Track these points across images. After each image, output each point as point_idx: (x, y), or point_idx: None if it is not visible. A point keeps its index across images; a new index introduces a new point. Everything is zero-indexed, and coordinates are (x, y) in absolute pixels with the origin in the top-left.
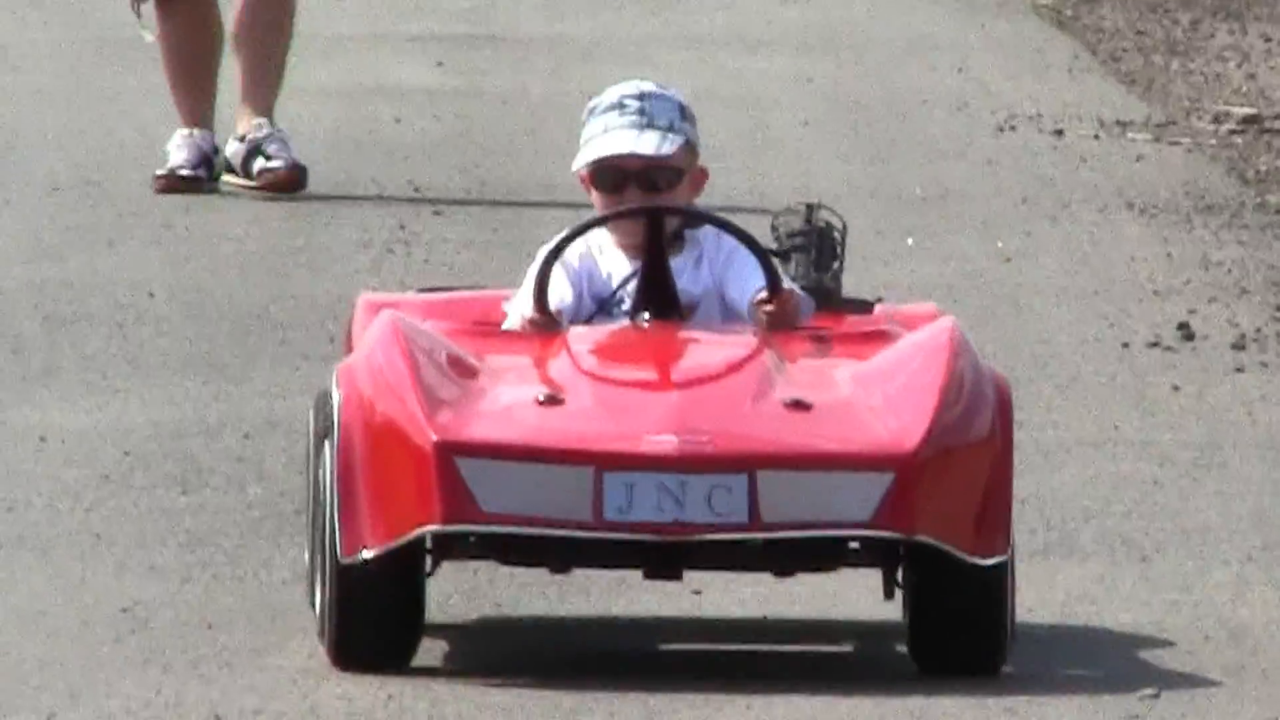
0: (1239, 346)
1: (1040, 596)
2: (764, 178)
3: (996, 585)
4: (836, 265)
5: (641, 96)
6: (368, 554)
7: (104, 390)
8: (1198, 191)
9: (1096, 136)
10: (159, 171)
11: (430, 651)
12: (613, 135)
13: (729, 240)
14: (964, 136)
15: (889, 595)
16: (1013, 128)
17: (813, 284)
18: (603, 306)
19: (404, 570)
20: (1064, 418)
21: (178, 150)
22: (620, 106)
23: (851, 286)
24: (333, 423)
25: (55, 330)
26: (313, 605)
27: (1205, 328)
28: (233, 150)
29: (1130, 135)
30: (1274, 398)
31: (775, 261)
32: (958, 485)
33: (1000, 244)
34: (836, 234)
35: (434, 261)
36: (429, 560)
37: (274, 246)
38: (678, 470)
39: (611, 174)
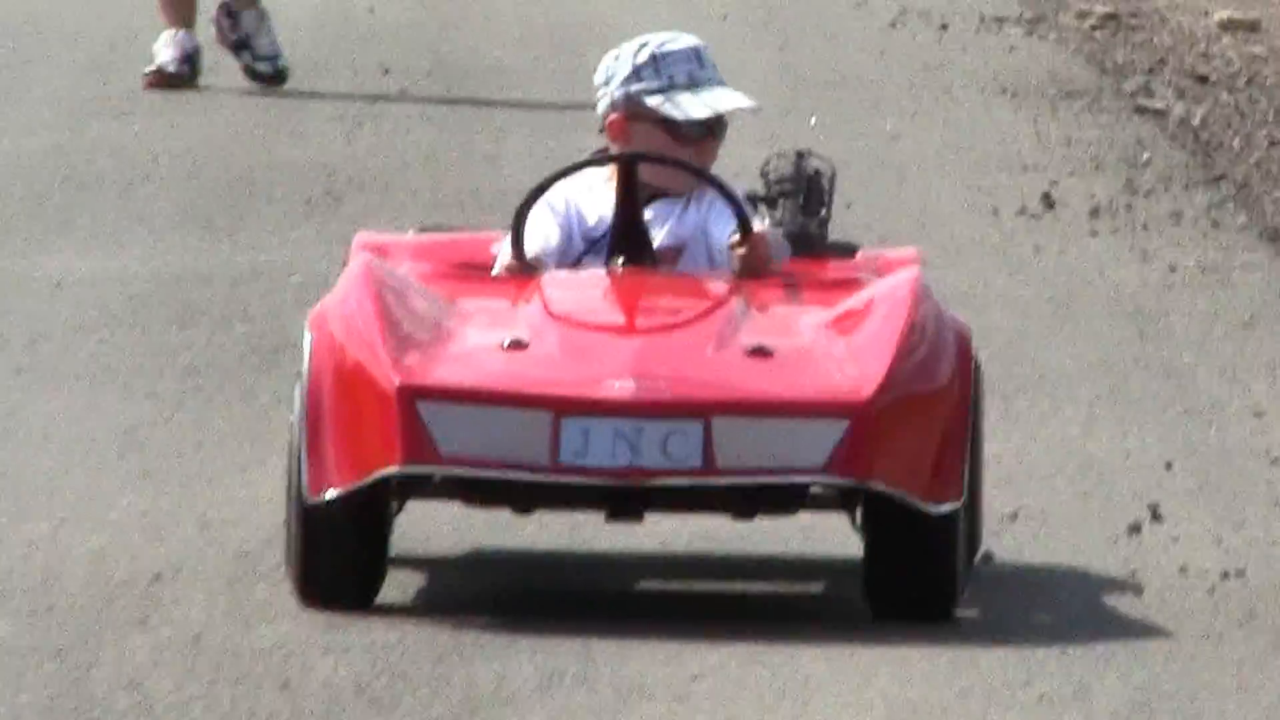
0: (1094, 214)
1: None
2: None
3: (948, 532)
4: (824, 212)
5: (702, 50)
6: (332, 494)
7: (113, 242)
8: (1062, 79)
9: (976, 31)
10: (147, 69)
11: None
12: (716, 92)
13: (724, 201)
14: (861, 30)
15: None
16: (904, 23)
17: (799, 229)
18: (593, 247)
19: (367, 511)
20: (940, 274)
21: (165, 49)
22: (698, 58)
23: (754, 159)
24: (303, 366)
25: (72, 190)
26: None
27: (1065, 198)
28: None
29: (1005, 30)
30: (1123, 260)
31: (747, 205)
32: (913, 433)
33: (889, 124)
34: (825, 181)
35: (399, 131)
36: (396, 502)
37: (261, 121)
38: (634, 416)
39: (700, 126)
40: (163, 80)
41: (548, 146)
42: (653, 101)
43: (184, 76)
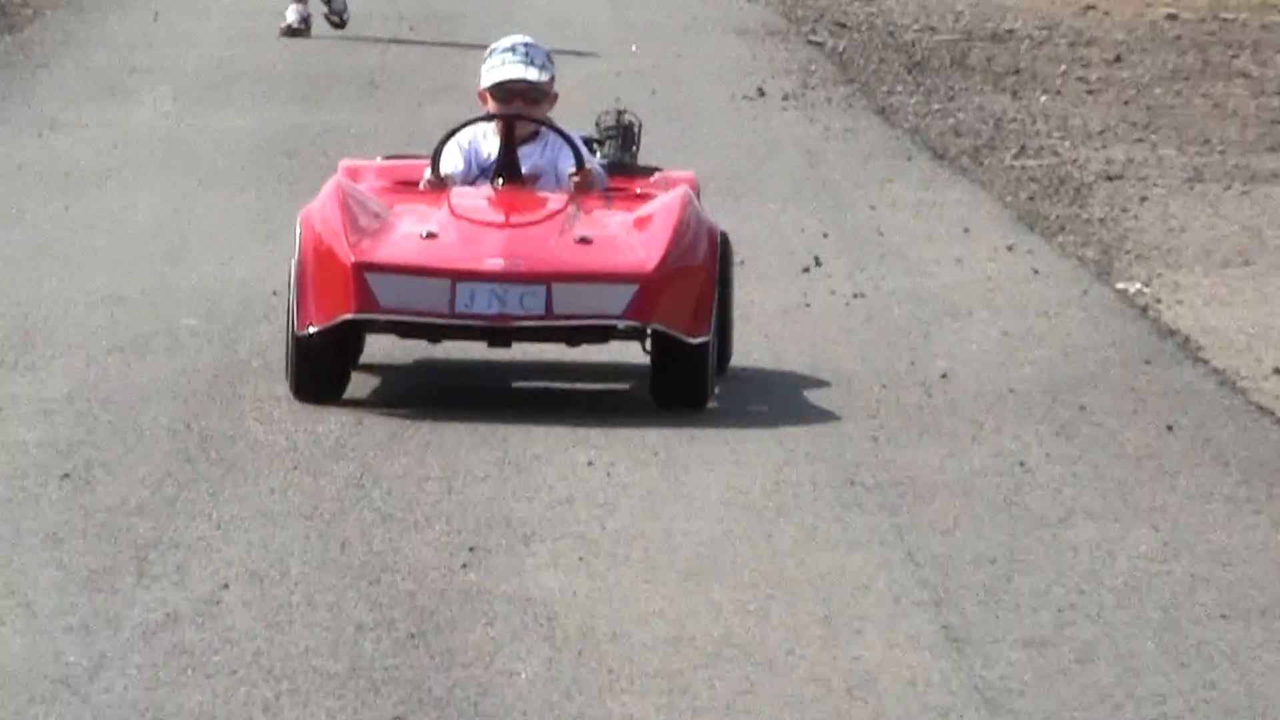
0: (784, 99)
1: None
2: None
3: (702, 354)
4: (635, 149)
5: (526, 45)
6: (312, 329)
7: (255, 108)
8: (768, 24)
9: None
10: (281, 24)
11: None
12: (509, 67)
13: (563, 139)
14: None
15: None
16: None
17: (617, 160)
18: (483, 172)
19: (334, 340)
20: (693, 137)
21: (291, 12)
22: (512, 50)
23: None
24: (296, 245)
25: (233, 78)
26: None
27: (769, 90)
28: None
29: None
30: (801, 125)
31: (590, 148)
32: (679, 292)
33: (677, 51)
34: (635, 129)
35: (408, 53)
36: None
37: (331, 45)
38: (502, 281)
39: (505, 90)
40: (288, 31)
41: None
42: (482, 81)
43: (301, 29)
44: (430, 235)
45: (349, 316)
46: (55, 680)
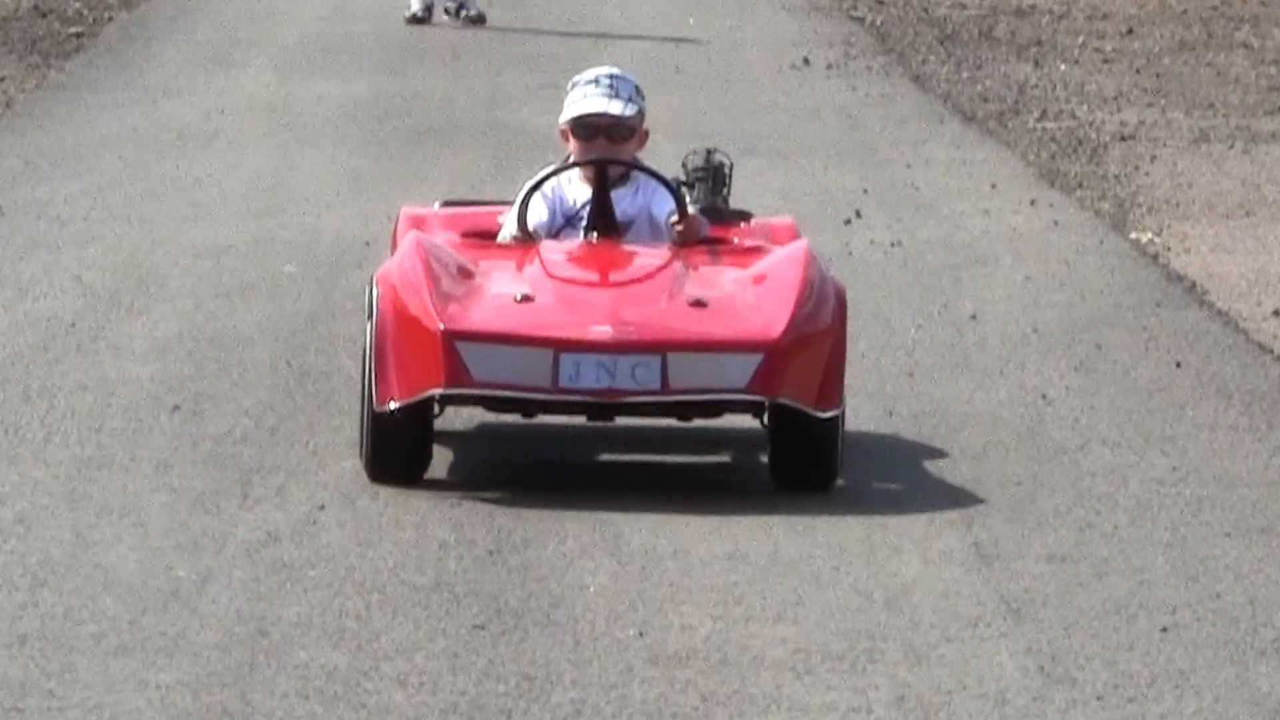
0: (829, 68)
1: None
2: None
3: (832, 430)
4: (725, 191)
5: (611, 77)
6: (393, 405)
7: (357, 77)
8: (814, 0)
9: None
10: (405, 14)
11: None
12: (591, 100)
13: (658, 184)
14: None
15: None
16: None
17: (709, 204)
18: (570, 221)
19: (418, 417)
20: (755, 94)
21: (415, 2)
22: (595, 82)
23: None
24: (372, 310)
25: (344, 49)
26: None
27: (814, 60)
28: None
29: None
30: (843, 91)
31: (683, 193)
32: (807, 362)
33: (729, 21)
34: (726, 170)
35: (484, 34)
36: (437, 407)
37: (426, 31)
38: (611, 352)
39: (587, 127)
40: (414, 20)
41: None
42: (563, 115)
43: (424, 18)
44: (525, 298)
45: (439, 392)
46: (166, 593)
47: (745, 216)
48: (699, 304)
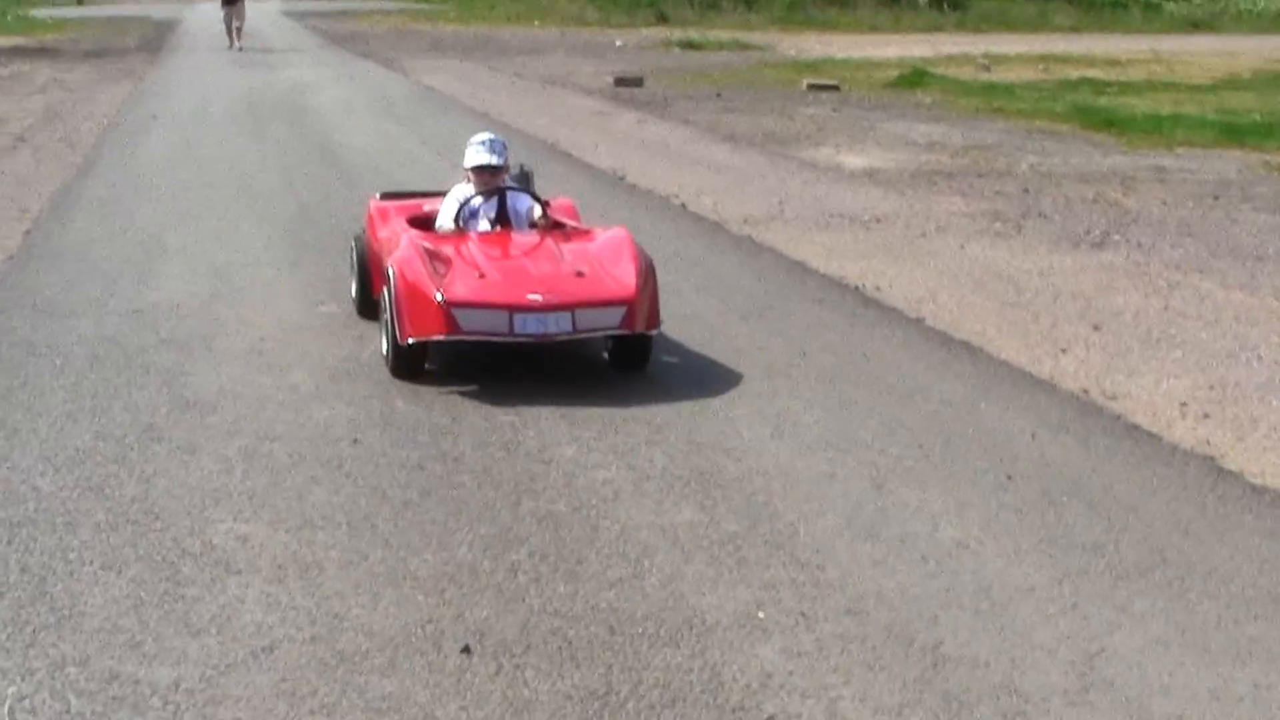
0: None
1: None
2: None
3: (651, 339)
4: (533, 187)
5: (491, 140)
6: (411, 341)
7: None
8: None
9: None
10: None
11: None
12: (481, 155)
13: (519, 192)
14: None
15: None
16: None
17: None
18: (472, 214)
19: (422, 346)
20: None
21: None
22: (483, 143)
23: None
24: (390, 284)
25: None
26: (385, 358)
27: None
28: None
29: None
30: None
31: (543, 200)
32: (645, 304)
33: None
34: (530, 174)
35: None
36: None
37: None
38: (543, 311)
39: (480, 170)
40: None
41: None
42: (466, 161)
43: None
44: (482, 275)
45: (441, 338)
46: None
47: (546, 203)
48: (580, 274)
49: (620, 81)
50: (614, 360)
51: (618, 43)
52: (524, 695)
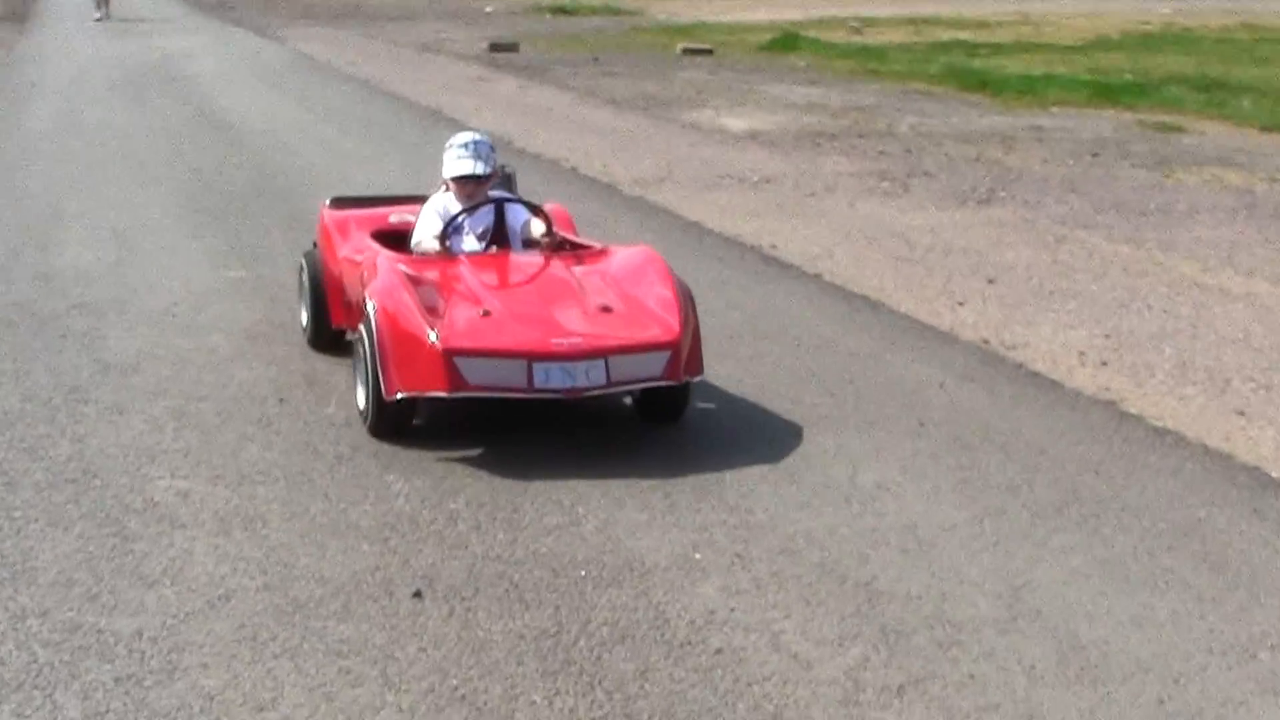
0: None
1: None
2: None
3: (690, 387)
4: (515, 188)
5: (475, 143)
6: (400, 396)
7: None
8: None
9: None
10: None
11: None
12: (463, 163)
13: (513, 204)
14: None
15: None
16: None
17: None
18: (454, 226)
19: (413, 402)
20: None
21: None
22: (465, 146)
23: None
24: (370, 323)
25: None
26: (362, 414)
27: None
28: None
29: None
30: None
31: (545, 213)
32: (689, 346)
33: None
34: (513, 175)
35: None
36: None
37: None
38: (569, 359)
39: (461, 181)
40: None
41: None
42: (444, 170)
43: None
44: (487, 314)
45: (443, 394)
46: None
47: (547, 215)
48: (606, 309)
49: (495, 47)
50: (643, 410)
51: (488, 9)
52: (479, 636)
